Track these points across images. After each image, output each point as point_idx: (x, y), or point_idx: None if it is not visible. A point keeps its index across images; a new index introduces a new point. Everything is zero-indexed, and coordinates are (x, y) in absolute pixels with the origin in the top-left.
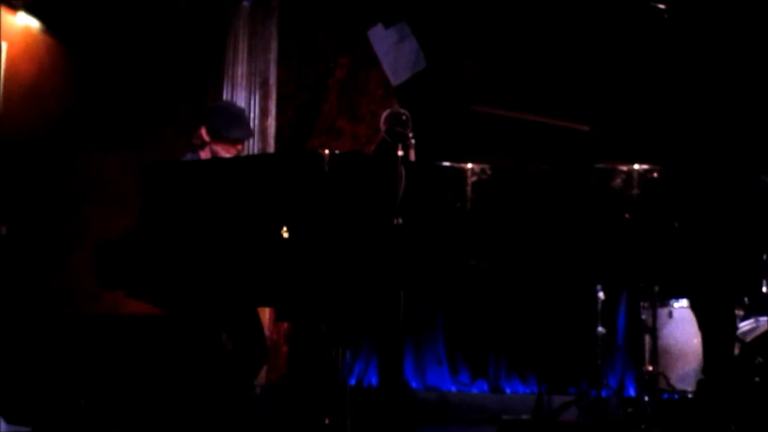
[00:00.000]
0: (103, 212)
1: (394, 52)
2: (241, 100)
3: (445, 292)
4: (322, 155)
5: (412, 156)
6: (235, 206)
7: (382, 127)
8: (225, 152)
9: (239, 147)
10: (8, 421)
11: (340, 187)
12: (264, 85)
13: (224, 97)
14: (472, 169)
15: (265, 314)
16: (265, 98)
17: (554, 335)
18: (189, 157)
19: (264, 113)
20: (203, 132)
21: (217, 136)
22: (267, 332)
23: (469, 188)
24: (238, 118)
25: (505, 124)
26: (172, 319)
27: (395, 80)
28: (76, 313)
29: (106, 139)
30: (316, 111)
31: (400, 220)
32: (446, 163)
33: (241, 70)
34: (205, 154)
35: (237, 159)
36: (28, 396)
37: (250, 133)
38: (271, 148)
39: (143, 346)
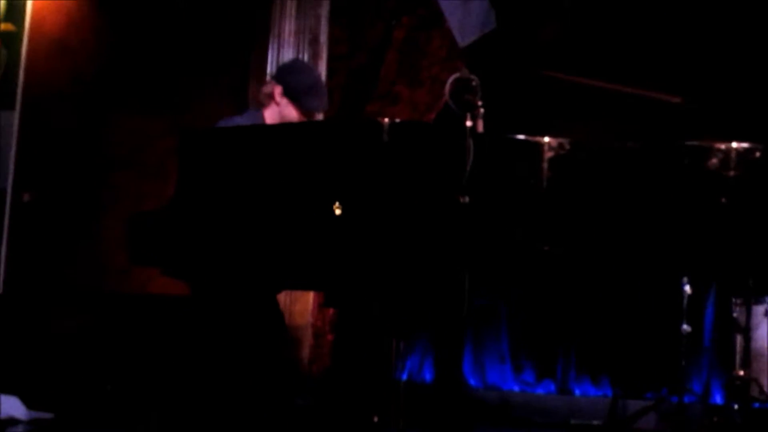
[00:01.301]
0: (136, 181)
1: (461, 10)
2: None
3: (512, 281)
4: (381, 124)
5: (481, 127)
6: (282, 178)
7: (448, 93)
8: (296, 118)
9: (311, 116)
10: (29, 407)
11: (400, 160)
12: (314, 44)
13: (270, 57)
14: (548, 143)
15: (308, 298)
16: (314, 58)
17: (632, 333)
18: (236, 121)
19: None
20: (278, 91)
21: (295, 100)
22: (311, 318)
23: (545, 165)
24: (319, 86)
25: (584, 94)
26: (204, 302)
27: (462, 41)
28: (104, 290)
29: (142, 100)
30: (376, 75)
31: (467, 199)
32: (520, 137)
33: (288, 26)
34: (271, 115)
35: (284, 126)
36: (50, 380)
37: (326, 106)
38: (318, 115)
39: (175, 330)
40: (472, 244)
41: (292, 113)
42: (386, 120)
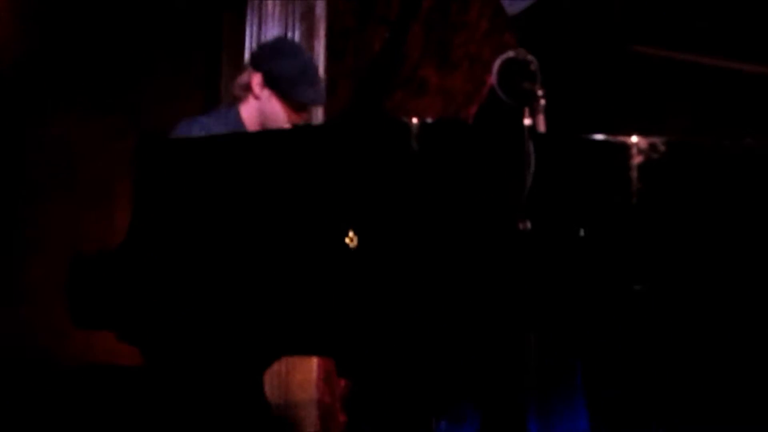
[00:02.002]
0: (74, 207)
1: None
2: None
3: (592, 333)
4: (408, 125)
5: (543, 125)
6: (275, 202)
7: (495, 80)
8: (283, 115)
9: (304, 116)
10: None
11: (434, 174)
12: (307, 16)
13: (248, 35)
14: (637, 144)
15: (312, 366)
16: (309, 35)
17: (757, 406)
18: (202, 122)
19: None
20: (256, 80)
21: (279, 90)
22: (316, 393)
23: (633, 174)
24: (312, 72)
25: (680, 73)
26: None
27: (512, 7)
28: (32, 361)
29: (76, 100)
30: (397, 56)
31: (528, 224)
32: (598, 136)
33: None
34: (249, 112)
35: (279, 132)
36: None
37: (322, 98)
38: (318, 112)
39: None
40: (537, 286)
41: (276, 109)
42: (415, 120)
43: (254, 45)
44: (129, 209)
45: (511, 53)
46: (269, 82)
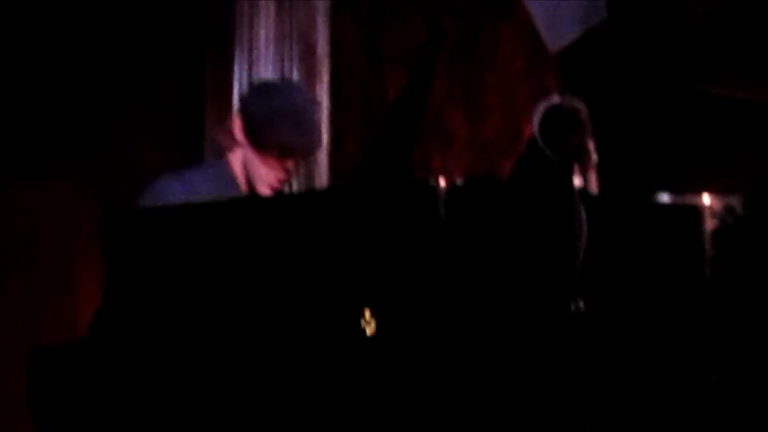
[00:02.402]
0: (28, 287)
1: None
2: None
3: None
4: (434, 188)
5: (595, 185)
6: (278, 279)
7: (537, 131)
8: (266, 169)
9: (289, 165)
10: None
11: (465, 245)
12: (307, 57)
13: (236, 76)
14: (710, 206)
15: None
16: (309, 79)
17: None
18: (186, 179)
19: None
20: (237, 126)
21: (258, 139)
22: None
23: (705, 241)
24: (301, 112)
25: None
26: None
27: (554, 42)
28: None
29: (32, 156)
30: (422, 106)
31: (582, 305)
32: (662, 198)
33: (265, 28)
34: (237, 163)
35: (279, 198)
36: None
37: (315, 142)
38: (321, 172)
39: None
40: (593, 379)
41: (253, 158)
42: (442, 181)
43: (244, 88)
44: (94, 288)
45: (555, 99)
46: (249, 127)
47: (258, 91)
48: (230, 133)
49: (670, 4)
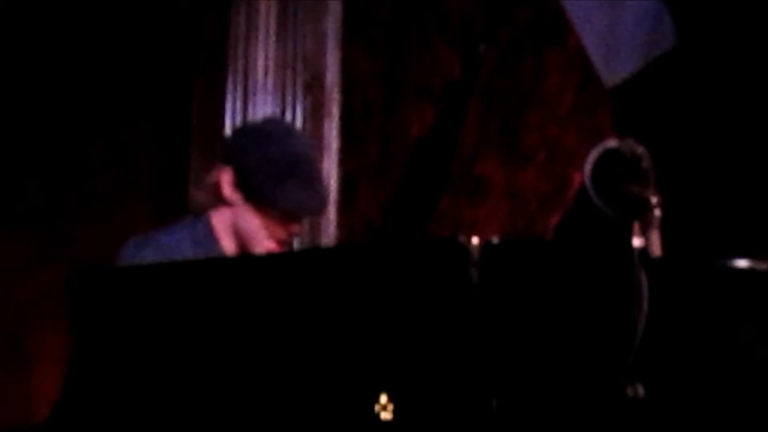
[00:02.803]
0: None
1: (608, 20)
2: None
3: None
4: (467, 247)
5: (658, 246)
6: (275, 354)
7: (589, 182)
8: (261, 230)
9: (294, 227)
10: None
11: (502, 314)
12: (314, 88)
13: (228, 115)
14: None
15: None
16: (316, 115)
17: None
18: (162, 242)
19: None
20: (226, 179)
21: (257, 197)
22: None
23: None
24: (305, 165)
25: None
26: None
27: (611, 75)
28: None
29: None
30: (453, 148)
31: (641, 390)
32: (739, 263)
33: (264, 52)
34: (221, 222)
35: (277, 257)
36: None
37: (326, 200)
38: (329, 226)
39: None
40: None
41: (250, 221)
42: (475, 239)
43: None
44: (55, 362)
45: (610, 142)
46: (243, 182)
47: (249, 137)
48: (213, 188)
49: (754, 27)
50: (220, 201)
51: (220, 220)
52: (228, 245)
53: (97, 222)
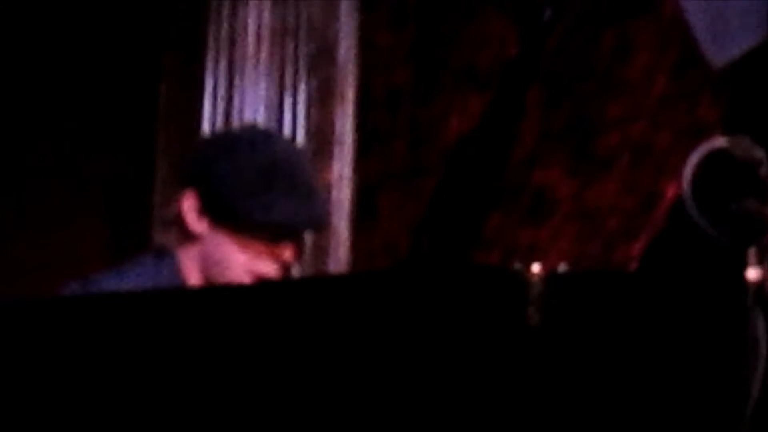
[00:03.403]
0: None
1: None
2: (258, 112)
3: None
4: (525, 279)
5: None
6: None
7: (689, 195)
8: (239, 258)
9: (285, 252)
10: None
11: (570, 366)
12: (322, 64)
13: (207, 97)
14: None
15: None
16: (325, 98)
17: None
18: (104, 285)
19: (322, 148)
20: (188, 204)
21: (226, 216)
22: None
23: None
24: (288, 169)
25: None
26: None
27: (720, 53)
28: None
29: None
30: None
31: None
32: None
33: (255, 17)
34: (190, 261)
35: (268, 287)
36: None
37: (322, 213)
38: (339, 248)
39: None
40: None
41: (224, 249)
42: (536, 268)
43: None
44: None
45: (717, 141)
46: (208, 204)
47: (215, 146)
48: (175, 220)
49: None
50: (187, 239)
51: (189, 259)
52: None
53: (35, 240)
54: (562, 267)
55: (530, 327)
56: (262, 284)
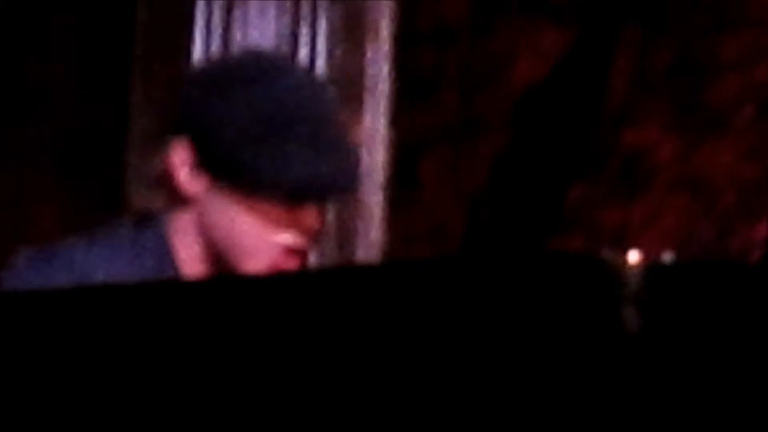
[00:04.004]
0: None
1: None
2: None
3: None
4: (618, 269)
5: None
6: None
7: None
8: (260, 228)
9: (307, 218)
10: None
11: (675, 371)
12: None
13: (198, 30)
14: None
15: None
16: (351, 36)
17: None
18: (71, 257)
19: (349, 97)
20: (182, 160)
21: (229, 171)
22: None
23: None
24: (318, 111)
25: None
26: None
27: None
28: None
29: None
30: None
31: None
32: None
33: None
34: (182, 230)
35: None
36: None
37: (353, 171)
38: (371, 231)
39: None
40: None
41: (233, 222)
42: (633, 258)
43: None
44: None
45: None
46: (205, 157)
47: (211, 82)
48: (166, 182)
49: None
50: (178, 202)
51: (182, 226)
52: (192, 266)
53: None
54: (666, 256)
55: (626, 334)
56: (271, 277)
